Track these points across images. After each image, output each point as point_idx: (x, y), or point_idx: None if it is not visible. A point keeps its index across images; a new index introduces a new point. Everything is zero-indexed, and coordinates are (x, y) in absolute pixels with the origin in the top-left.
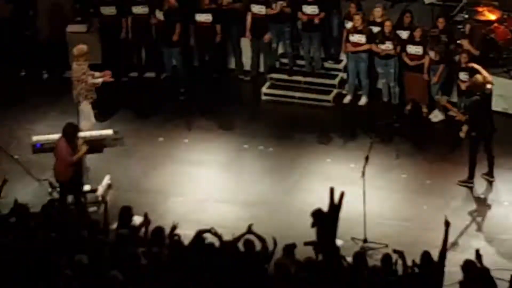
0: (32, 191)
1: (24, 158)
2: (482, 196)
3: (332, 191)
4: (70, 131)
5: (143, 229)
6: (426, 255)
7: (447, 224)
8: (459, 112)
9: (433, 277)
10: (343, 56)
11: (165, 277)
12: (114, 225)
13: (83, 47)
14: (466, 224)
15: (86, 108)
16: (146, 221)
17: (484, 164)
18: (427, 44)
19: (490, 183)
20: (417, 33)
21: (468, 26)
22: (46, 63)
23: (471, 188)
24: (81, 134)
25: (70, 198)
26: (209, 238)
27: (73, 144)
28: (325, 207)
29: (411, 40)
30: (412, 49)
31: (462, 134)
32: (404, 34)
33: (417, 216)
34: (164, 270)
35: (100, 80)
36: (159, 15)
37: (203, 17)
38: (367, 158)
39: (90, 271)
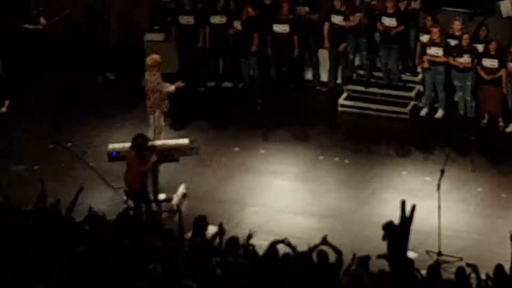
0: (108, 199)
1: (100, 166)
2: None
3: (403, 203)
4: (140, 142)
5: (217, 239)
6: (499, 268)
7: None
8: None
9: None
10: (420, 69)
11: (241, 285)
12: (189, 234)
13: (156, 57)
14: None
15: (159, 117)
16: (221, 231)
17: None
18: (506, 57)
19: None
20: (492, 46)
21: None
22: (119, 69)
23: None
24: (158, 143)
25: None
26: (283, 249)
27: (143, 154)
28: (397, 220)
29: (487, 54)
30: (488, 62)
31: None
32: (479, 48)
33: (492, 230)
34: (239, 280)
35: (173, 87)
36: (237, 25)
37: (281, 28)
38: (442, 171)
39: (164, 280)
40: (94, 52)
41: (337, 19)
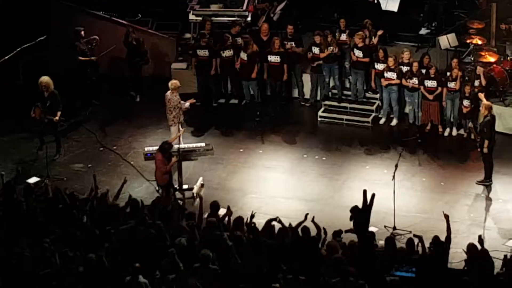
0: (144, 189)
1: (139, 164)
2: (483, 195)
3: (365, 192)
4: (165, 147)
5: (226, 218)
6: (436, 238)
7: (446, 216)
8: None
9: (442, 256)
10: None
11: (245, 254)
12: (205, 215)
13: (177, 82)
14: (470, 216)
15: (177, 127)
16: (229, 212)
17: (480, 172)
18: (447, 78)
19: (489, 185)
20: (432, 71)
21: (480, 69)
22: (149, 91)
23: (486, 187)
24: (182, 146)
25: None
26: (278, 225)
27: (168, 156)
28: (361, 204)
29: (428, 76)
30: (429, 83)
31: (485, 149)
32: (423, 72)
33: (434, 210)
34: (245, 249)
35: (187, 104)
36: (243, 56)
37: (274, 58)
38: (396, 166)
39: (187, 250)
40: (133, 78)
41: (316, 50)
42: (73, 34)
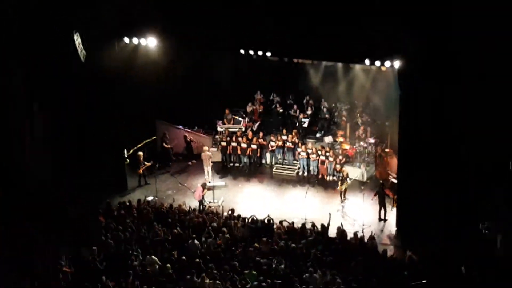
0: (193, 202)
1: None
2: (343, 206)
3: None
4: (204, 184)
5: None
6: (322, 225)
7: (329, 214)
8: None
9: (324, 234)
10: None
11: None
12: (223, 217)
13: (207, 148)
14: (337, 213)
15: (209, 170)
16: (232, 209)
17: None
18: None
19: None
20: (325, 152)
21: (341, 151)
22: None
23: (342, 205)
24: (215, 183)
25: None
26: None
27: (204, 189)
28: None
29: (325, 155)
30: (323, 158)
31: (340, 188)
32: (321, 153)
33: (325, 213)
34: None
35: (210, 164)
36: (247, 143)
37: (253, 146)
38: (306, 192)
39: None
40: (189, 155)
41: (272, 143)
42: (162, 135)
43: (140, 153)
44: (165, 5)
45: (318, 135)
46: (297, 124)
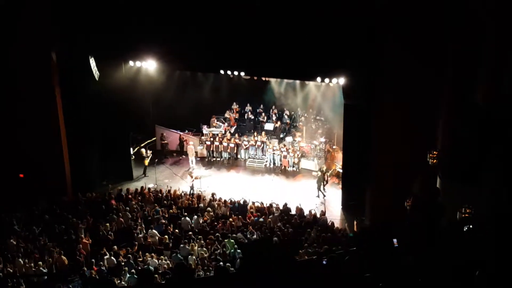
0: (186, 187)
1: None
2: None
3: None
4: (190, 173)
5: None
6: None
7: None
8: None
9: (285, 212)
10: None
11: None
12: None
13: (191, 147)
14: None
15: (193, 178)
16: (213, 196)
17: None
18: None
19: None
20: (287, 148)
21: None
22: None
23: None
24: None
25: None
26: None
27: (193, 178)
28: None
29: (287, 151)
30: (285, 153)
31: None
32: (284, 149)
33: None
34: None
35: (193, 154)
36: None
37: (232, 144)
38: (272, 180)
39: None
40: (181, 151)
41: (245, 142)
42: (160, 135)
43: (143, 150)
44: (162, 35)
45: (281, 135)
46: (264, 128)
